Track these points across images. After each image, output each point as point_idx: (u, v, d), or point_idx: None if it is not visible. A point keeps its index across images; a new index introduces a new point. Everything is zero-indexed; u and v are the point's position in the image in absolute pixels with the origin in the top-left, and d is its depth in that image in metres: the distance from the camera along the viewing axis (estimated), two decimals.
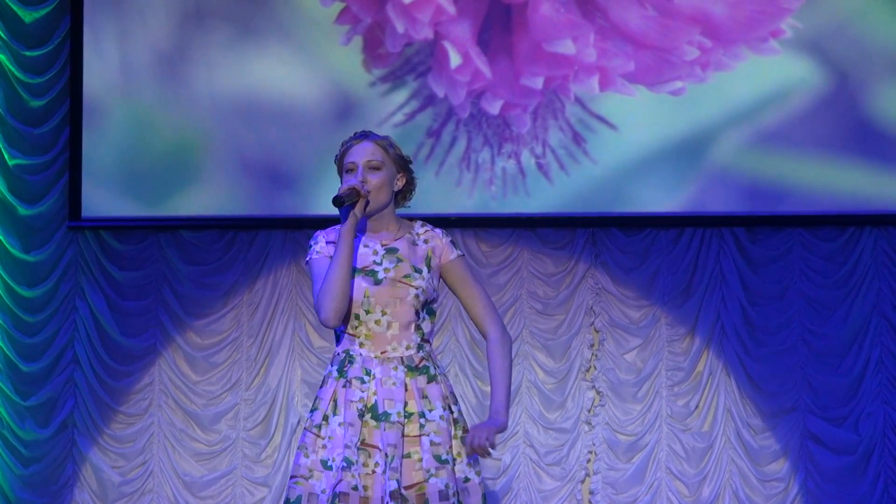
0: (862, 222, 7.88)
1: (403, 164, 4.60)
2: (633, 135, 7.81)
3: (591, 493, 7.86)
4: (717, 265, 7.94)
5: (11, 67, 8.14)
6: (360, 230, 4.56)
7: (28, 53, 8.15)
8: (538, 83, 7.75)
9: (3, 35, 8.14)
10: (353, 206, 4.43)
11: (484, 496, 4.54)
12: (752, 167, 7.82)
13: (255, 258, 8.09)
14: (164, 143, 7.97)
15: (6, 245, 8.13)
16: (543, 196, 7.86)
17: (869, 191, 7.80)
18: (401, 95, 7.89)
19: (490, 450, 4.42)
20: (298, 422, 7.93)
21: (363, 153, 4.53)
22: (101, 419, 8.06)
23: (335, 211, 6.94)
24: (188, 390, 8.06)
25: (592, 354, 7.96)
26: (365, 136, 4.58)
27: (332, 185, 7.39)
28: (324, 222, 7.36)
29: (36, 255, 8.14)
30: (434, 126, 7.86)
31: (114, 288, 8.13)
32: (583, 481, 7.88)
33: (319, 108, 7.89)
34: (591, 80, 7.75)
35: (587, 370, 7.95)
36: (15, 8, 8.12)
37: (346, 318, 4.49)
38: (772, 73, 7.78)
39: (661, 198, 7.82)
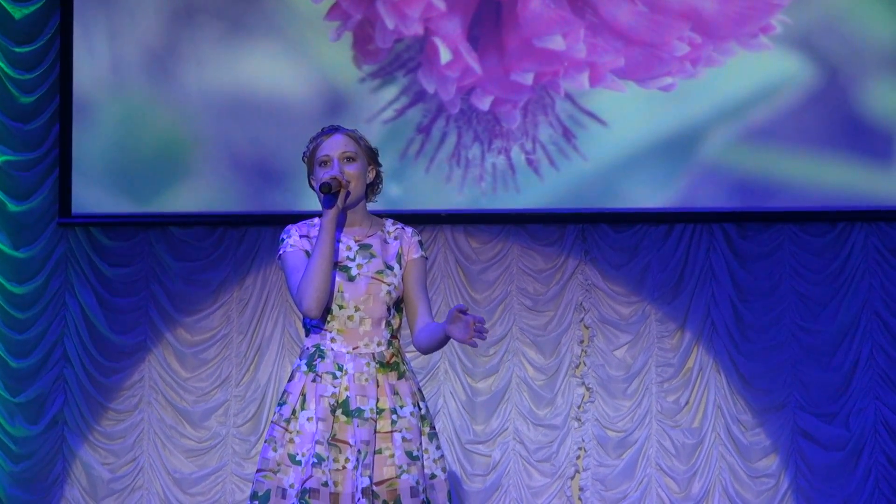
0: (852, 218, 7.90)
1: (373, 157, 4.66)
2: (624, 131, 7.84)
3: (581, 489, 7.88)
4: (706, 261, 7.96)
5: (1, 63, 8.16)
6: (336, 224, 4.56)
7: (18, 49, 8.17)
8: (528, 79, 7.79)
9: None
10: (336, 196, 4.47)
11: (449, 492, 4.59)
12: (742, 163, 7.84)
13: (244, 255, 8.10)
14: (155, 140, 7.99)
15: None
16: (533, 192, 7.87)
17: (859, 186, 7.83)
18: (391, 91, 7.91)
19: (477, 334, 4.33)
20: None
21: (336, 145, 4.57)
22: (91, 416, 8.07)
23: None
24: (178, 387, 8.06)
25: (582, 351, 7.98)
26: (335, 129, 4.63)
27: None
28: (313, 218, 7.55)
29: (25, 252, 8.15)
30: (424, 122, 7.89)
31: (104, 284, 8.13)
32: (572, 478, 7.90)
33: (309, 104, 7.91)
34: (581, 76, 7.80)
35: (577, 366, 7.97)
36: (4, 4, 8.15)
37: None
38: (762, 69, 7.82)
39: (651, 194, 7.84)
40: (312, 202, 7.28)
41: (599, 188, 7.88)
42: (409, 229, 4.69)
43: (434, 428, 4.61)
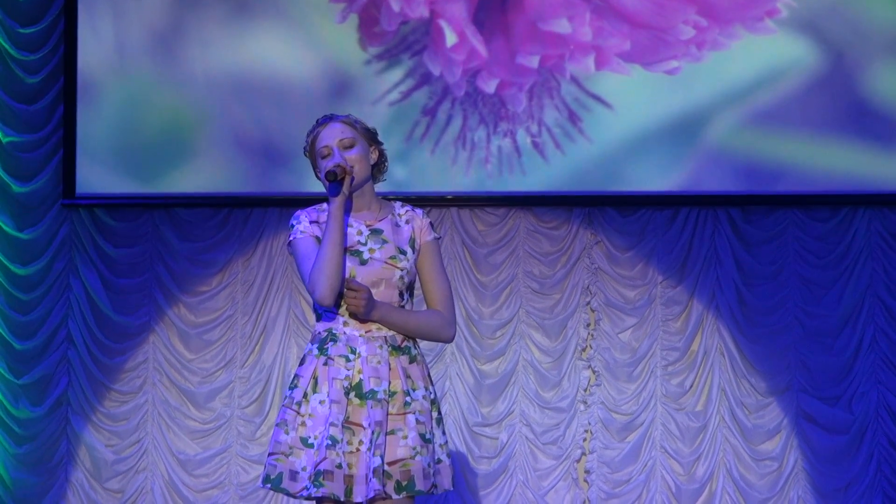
0: (856, 202, 7.95)
1: (373, 137, 4.67)
2: (629, 114, 7.86)
3: (587, 471, 7.91)
4: (711, 245, 8.00)
5: (5, 44, 8.16)
6: (345, 210, 4.59)
7: (22, 30, 8.18)
8: (534, 62, 7.81)
9: None
10: (341, 182, 4.49)
11: (452, 478, 4.63)
12: (748, 147, 7.86)
13: (249, 236, 8.12)
14: (159, 121, 7.98)
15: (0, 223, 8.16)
16: (539, 175, 7.91)
17: (864, 171, 7.88)
18: (396, 74, 7.93)
19: (352, 300, 4.44)
20: None
21: (333, 134, 4.60)
22: (95, 397, 8.09)
23: None
24: (182, 368, 8.08)
25: (588, 334, 8.01)
26: (329, 118, 4.65)
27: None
28: (318, 200, 7.38)
29: (30, 233, 8.16)
30: (430, 104, 7.91)
31: (108, 265, 8.15)
32: (578, 460, 7.94)
33: (315, 85, 7.92)
34: (587, 59, 7.83)
35: (583, 350, 8.00)
36: None
37: None
38: (767, 53, 7.85)
39: (656, 177, 7.87)
40: (317, 183, 7.12)
41: (605, 171, 7.90)
42: (419, 211, 4.70)
43: (440, 413, 4.64)
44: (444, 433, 4.65)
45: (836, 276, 7.98)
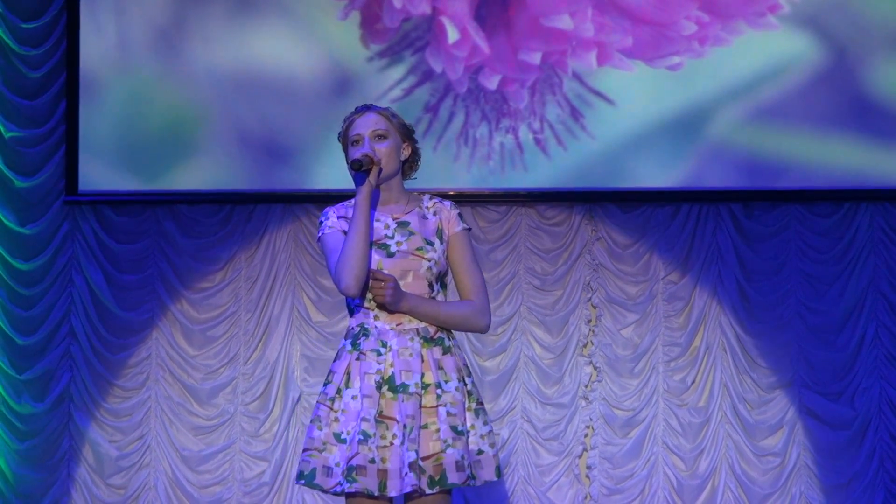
0: (858, 198, 7.93)
1: (407, 133, 4.69)
2: (631, 110, 7.85)
3: (589, 467, 7.91)
4: (713, 241, 7.99)
5: (7, 39, 8.13)
6: (372, 204, 4.59)
7: (24, 25, 8.15)
8: (536, 58, 7.80)
9: None
10: (367, 173, 4.51)
11: (497, 468, 4.61)
12: (750, 143, 7.85)
13: (252, 232, 8.11)
14: (162, 117, 7.97)
15: (2, 218, 8.14)
16: (541, 171, 7.90)
17: (866, 167, 7.86)
18: (398, 70, 7.92)
19: (379, 290, 4.47)
20: (299, 396, 7.99)
21: (367, 124, 4.62)
22: (98, 393, 8.08)
23: (333, 185, 6.96)
24: (186, 364, 8.07)
25: (590, 330, 8.00)
26: (367, 108, 4.67)
27: (330, 160, 7.42)
28: (321, 196, 7.54)
29: (32, 228, 8.15)
30: (432, 101, 7.90)
31: (111, 261, 8.14)
32: (580, 456, 7.95)
33: (317, 82, 7.91)
34: (589, 56, 7.82)
35: (584, 346, 7.99)
36: None
37: (361, 291, 4.54)
38: (769, 49, 7.84)
39: (658, 173, 7.85)
40: (320, 179, 7.86)
41: (607, 168, 7.89)
42: (447, 203, 4.71)
43: (481, 403, 4.63)
44: (485, 423, 4.63)
45: (839, 271, 7.97)
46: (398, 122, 4.66)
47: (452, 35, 7.82)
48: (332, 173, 7.80)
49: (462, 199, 7.91)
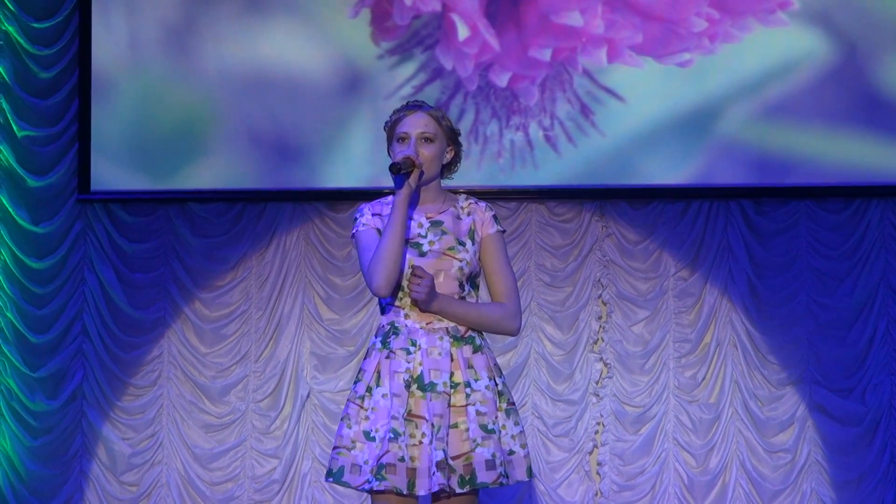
0: (869, 194, 7.91)
1: (454, 137, 4.68)
2: (641, 107, 7.84)
3: (599, 464, 7.92)
4: (724, 237, 7.98)
5: (20, 39, 8.15)
6: (409, 205, 4.58)
7: (36, 25, 8.17)
8: (546, 55, 7.80)
9: (11, 6, 8.15)
10: (407, 175, 4.48)
11: (529, 468, 4.59)
12: (760, 139, 7.83)
13: (263, 231, 8.12)
14: (173, 116, 7.99)
15: (15, 217, 8.15)
16: (551, 168, 7.88)
17: (876, 162, 7.83)
18: (409, 68, 7.92)
19: (415, 286, 4.46)
20: (308, 394, 8.01)
21: (416, 124, 4.59)
22: (111, 391, 8.10)
23: (343, 183, 7.09)
24: (197, 362, 8.10)
25: (600, 326, 8.01)
26: (418, 106, 4.64)
27: (341, 158, 7.50)
28: (332, 195, 7.54)
29: (45, 227, 8.16)
30: (442, 99, 7.88)
31: (123, 260, 8.15)
32: (591, 452, 7.95)
33: (327, 80, 7.91)
34: (599, 52, 7.81)
35: (595, 342, 7.99)
36: None
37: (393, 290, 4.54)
38: (780, 45, 7.82)
39: (668, 170, 7.84)
40: (331, 178, 7.89)
41: (617, 164, 7.88)
42: (482, 204, 4.70)
43: (513, 403, 4.61)
44: (517, 423, 4.61)
45: (849, 267, 7.96)
46: (447, 125, 4.65)
47: (462, 32, 7.82)
48: (343, 171, 7.84)
49: (472, 196, 7.62)
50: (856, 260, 7.96)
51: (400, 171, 4.45)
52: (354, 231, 4.62)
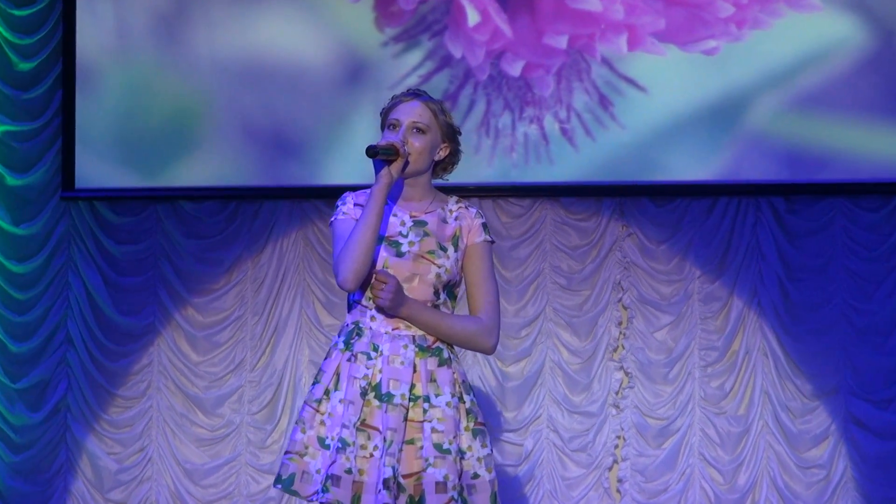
0: None
1: (451, 134, 4.61)
2: (664, 98, 7.81)
3: (620, 480, 7.89)
4: (753, 237, 7.94)
5: (0, 28, 8.19)
6: (392, 197, 4.55)
7: (17, 12, 8.18)
8: (562, 42, 7.77)
9: None
10: (387, 162, 4.42)
11: (494, 495, 4.53)
12: (791, 132, 7.80)
13: (259, 231, 8.13)
14: (163, 109, 8.03)
15: None
16: (568, 163, 7.86)
17: None
18: (415, 56, 7.91)
19: (379, 291, 4.41)
20: None
21: (410, 112, 4.54)
22: (97, 402, 8.11)
23: (344, 180, 7.36)
24: (189, 372, 8.09)
25: (620, 333, 7.97)
26: (416, 94, 4.60)
27: (342, 152, 7.99)
28: (332, 192, 7.61)
29: (26, 228, 8.18)
30: (451, 89, 7.87)
31: (109, 263, 8.16)
32: (610, 468, 7.91)
33: (328, 70, 7.92)
34: (619, 39, 7.79)
35: (615, 350, 7.96)
36: None
37: (362, 286, 4.48)
38: (812, 31, 7.78)
39: (693, 165, 7.82)
40: (331, 174, 7.92)
41: (638, 159, 7.86)
42: (472, 210, 4.63)
43: (481, 423, 4.55)
44: (484, 445, 4.54)
45: (888, 269, 7.89)
46: (444, 120, 4.60)
47: (472, 17, 7.79)
48: (344, 167, 7.87)
49: (483, 193, 7.97)
50: (894, 261, 7.91)
51: (377, 154, 4.41)
52: (333, 219, 4.58)
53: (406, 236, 4.52)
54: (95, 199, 8.12)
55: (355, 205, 4.56)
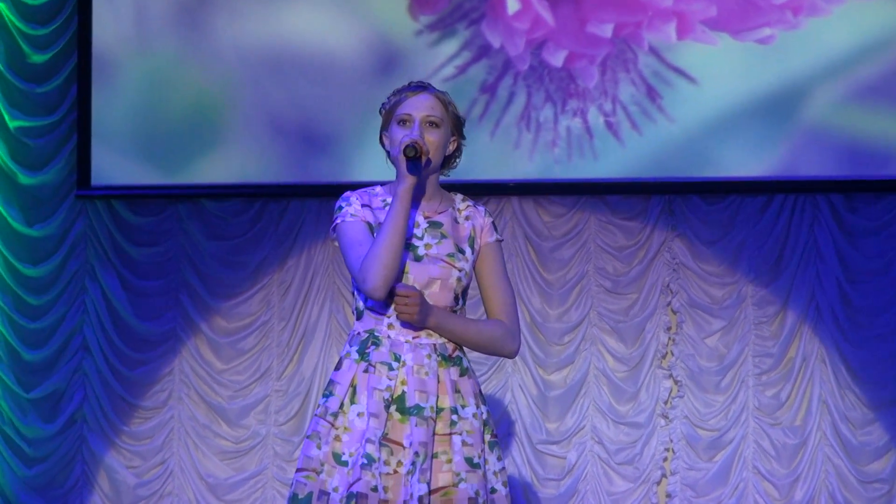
0: None
1: (459, 127, 4.55)
2: (715, 89, 7.74)
3: (669, 495, 7.83)
4: (810, 237, 7.86)
5: (12, 17, 8.17)
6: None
7: (30, 2, 8.19)
8: (607, 31, 7.72)
9: None
10: (419, 162, 4.37)
11: None
12: (851, 125, 7.71)
13: (286, 231, 8.09)
14: (184, 102, 8.02)
15: (7, 218, 8.16)
16: (613, 159, 7.80)
17: None
18: (451, 46, 7.86)
19: (403, 306, 4.33)
20: None
21: (422, 106, 4.44)
22: (115, 413, 8.09)
23: (376, 176, 6.88)
24: (212, 381, 8.07)
25: (669, 339, 7.88)
26: (423, 87, 4.50)
27: (374, 148, 7.48)
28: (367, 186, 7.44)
29: (40, 229, 8.15)
30: (489, 80, 7.82)
31: (128, 266, 8.15)
32: (658, 483, 7.84)
33: (359, 60, 7.89)
34: (668, 27, 7.71)
35: (663, 356, 7.88)
36: None
37: None
38: (874, 18, 7.71)
39: (746, 160, 7.75)
40: (362, 170, 7.87)
41: (688, 154, 7.79)
42: (480, 208, 4.59)
43: (496, 436, 4.52)
44: (499, 458, 4.52)
45: None
46: (453, 111, 4.53)
47: (512, 5, 7.72)
48: (376, 163, 7.74)
49: (522, 191, 7.92)
50: None
51: (416, 155, 4.32)
52: (338, 222, 4.47)
53: (421, 238, 4.46)
54: (113, 197, 8.12)
55: (362, 205, 4.48)
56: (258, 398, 8.01)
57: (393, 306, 4.38)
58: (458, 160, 4.59)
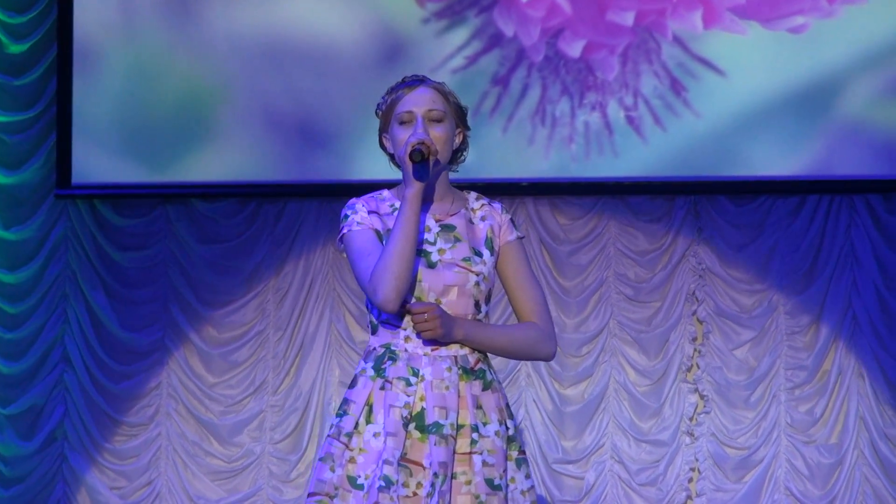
0: None
1: (462, 118, 4.43)
2: (745, 82, 7.67)
3: None
4: (847, 241, 7.79)
5: None
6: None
7: None
8: (628, 19, 7.68)
9: None
10: (427, 163, 4.27)
11: None
12: (891, 120, 7.63)
13: (283, 234, 8.05)
14: (173, 95, 7.97)
15: None
16: (635, 157, 7.74)
17: None
18: (460, 35, 7.79)
19: (423, 324, 4.24)
20: None
21: (422, 101, 4.33)
22: (98, 430, 8.03)
23: (379, 175, 6.57)
24: (203, 395, 8.03)
25: (695, 350, 7.80)
26: (420, 80, 4.40)
27: (377, 144, 7.27)
28: (366, 189, 7.26)
29: (18, 232, 8.12)
30: (501, 72, 7.75)
31: (112, 272, 8.10)
32: None
33: (362, 50, 7.83)
34: (693, 16, 7.66)
35: (688, 369, 7.83)
36: None
37: None
38: None
39: (778, 159, 7.68)
40: (365, 168, 7.81)
41: (715, 152, 7.73)
42: (497, 206, 4.48)
43: (524, 452, 4.39)
44: (528, 476, 4.40)
45: None
46: (454, 102, 4.41)
47: None
48: (379, 161, 7.62)
49: (537, 190, 7.87)
50: None
51: (424, 158, 4.20)
52: (345, 231, 4.37)
53: (434, 243, 4.35)
54: (96, 197, 8.04)
55: (369, 212, 4.37)
56: (252, 414, 7.96)
57: (412, 325, 4.33)
58: (465, 153, 4.48)
